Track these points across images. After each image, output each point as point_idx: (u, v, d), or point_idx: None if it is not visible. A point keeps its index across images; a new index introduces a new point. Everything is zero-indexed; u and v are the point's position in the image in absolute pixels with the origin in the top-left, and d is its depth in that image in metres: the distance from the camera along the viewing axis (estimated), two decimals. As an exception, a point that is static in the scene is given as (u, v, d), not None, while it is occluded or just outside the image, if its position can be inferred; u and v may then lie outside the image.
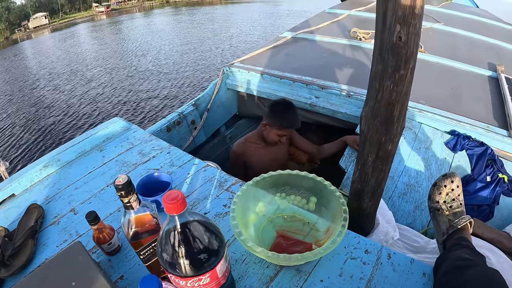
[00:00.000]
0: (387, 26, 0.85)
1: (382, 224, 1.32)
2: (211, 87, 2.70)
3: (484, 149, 1.86)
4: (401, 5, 0.80)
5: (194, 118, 2.52)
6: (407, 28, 0.83)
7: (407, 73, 0.91)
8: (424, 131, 2.03)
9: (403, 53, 0.86)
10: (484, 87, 2.54)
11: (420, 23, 0.84)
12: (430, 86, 2.45)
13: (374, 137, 1.05)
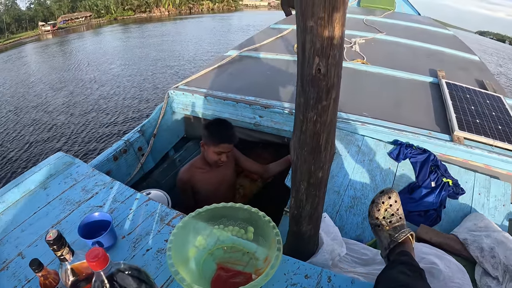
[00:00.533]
0: (306, 58, 0.88)
1: (326, 243, 1.37)
2: (157, 111, 2.72)
3: (426, 156, 1.98)
4: (319, 36, 0.82)
5: (141, 144, 2.52)
6: (326, 60, 0.85)
7: (330, 104, 0.95)
8: (367, 144, 2.13)
9: (323, 85, 0.90)
10: (426, 94, 2.71)
11: (340, 53, 0.88)
12: (373, 97, 2.58)
13: (304, 166, 1.10)
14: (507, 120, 2.42)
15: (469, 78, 3.28)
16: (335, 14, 0.78)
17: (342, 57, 0.89)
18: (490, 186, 1.98)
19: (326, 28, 0.80)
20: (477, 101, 2.62)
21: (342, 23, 0.81)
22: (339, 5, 0.77)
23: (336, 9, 0.77)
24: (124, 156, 2.38)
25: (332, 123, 1.01)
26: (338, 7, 0.77)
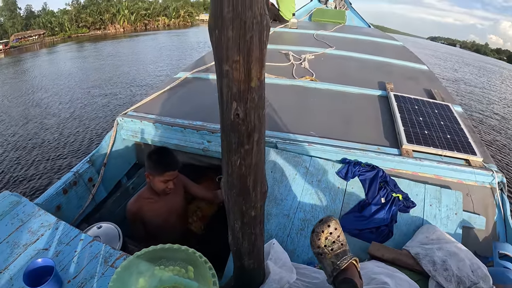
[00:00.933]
0: (224, 102, 0.87)
1: (274, 272, 1.37)
2: (106, 139, 2.68)
3: (375, 172, 2.03)
4: (235, 81, 0.81)
5: (91, 175, 2.48)
6: (244, 104, 0.84)
7: (253, 147, 0.95)
8: (315, 164, 2.17)
9: (243, 130, 0.89)
10: (375, 108, 2.80)
11: (260, 95, 0.87)
12: (321, 115, 2.64)
13: (235, 207, 1.11)
14: (456, 128, 2.53)
15: (418, 88, 3.42)
16: (251, 56, 0.76)
17: (263, 98, 0.88)
18: (441, 196, 2.05)
19: (242, 72, 0.78)
20: (425, 112, 2.73)
21: (261, 64, 0.80)
22: (256, 46, 0.76)
23: (252, 50, 0.75)
24: (74, 188, 2.33)
25: (259, 164, 1.01)
26: (254, 48, 0.76)
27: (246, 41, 0.73)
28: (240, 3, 0.67)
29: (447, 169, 2.13)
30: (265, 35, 0.75)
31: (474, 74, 21.62)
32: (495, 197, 2.10)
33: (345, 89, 3.11)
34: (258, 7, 0.69)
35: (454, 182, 2.15)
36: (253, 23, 0.70)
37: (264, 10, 0.72)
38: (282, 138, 2.27)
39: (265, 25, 0.73)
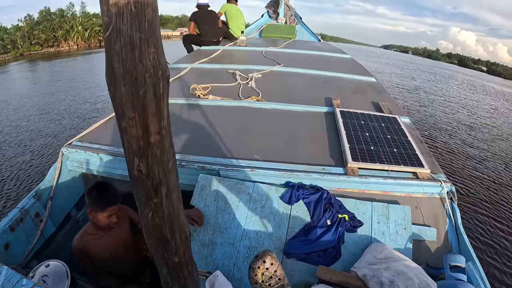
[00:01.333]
0: (128, 157, 0.88)
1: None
2: (52, 172, 2.61)
3: (319, 194, 2.07)
4: (133, 137, 0.82)
5: (38, 210, 2.40)
6: (145, 160, 0.85)
7: (162, 200, 0.95)
8: (258, 190, 2.19)
9: (148, 185, 0.90)
10: (322, 126, 2.88)
11: (162, 149, 0.88)
12: (266, 137, 2.69)
13: (158, 255, 1.11)
14: (403, 141, 2.62)
15: (365, 102, 3.54)
16: (147, 111, 0.77)
17: (167, 151, 0.89)
18: (389, 212, 2.11)
19: (139, 128, 0.79)
20: (372, 126, 2.82)
21: (160, 118, 0.81)
22: (151, 101, 0.76)
23: (147, 106, 0.76)
24: (21, 225, 2.26)
25: (174, 214, 1.02)
26: (149, 104, 0.76)
27: (139, 96, 0.74)
28: (129, 58, 0.69)
29: (394, 184, 2.21)
30: (162, 86, 0.76)
31: (432, 81, 22.49)
32: (445, 207, 2.19)
33: (292, 108, 3.18)
34: (150, 58, 0.70)
35: (402, 196, 2.23)
36: (145, 78, 0.71)
37: (158, 60, 0.72)
38: (224, 165, 2.29)
39: (161, 76, 0.74)
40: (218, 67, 4.74)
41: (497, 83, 37.64)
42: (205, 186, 2.18)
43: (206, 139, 2.66)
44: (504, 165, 7.23)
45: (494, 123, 12.04)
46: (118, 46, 0.68)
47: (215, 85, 3.79)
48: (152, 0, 0.67)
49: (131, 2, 0.64)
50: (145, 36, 0.68)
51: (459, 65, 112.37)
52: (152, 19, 0.68)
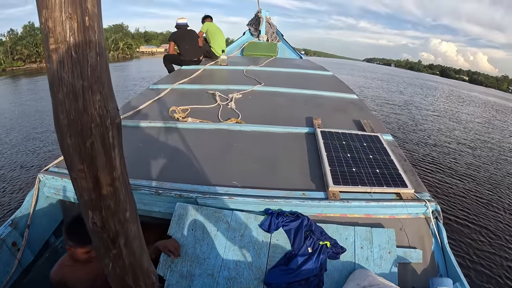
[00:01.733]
0: (83, 209, 0.84)
1: None
2: (28, 199, 2.54)
3: (299, 221, 2.03)
4: (84, 189, 0.78)
5: (15, 239, 2.33)
6: (99, 213, 0.82)
7: (122, 250, 0.91)
8: (237, 218, 2.14)
9: (105, 237, 0.87)
10: (302, 148, 2.85)
11: (117, 200, 0.84)
12: (245, 161, 2.65)
13: None
14: (385, 161, 2.61)
15: (347, 121, 3.53)
16: (96, 163, 0.73)
17: (122, 202, 0.84)
18: (372, 236, 2.08)
19: (89, 180, 0.75)
20: (353, 147, 2.80)
21: (110, 170, 0.77)
22: (99, 153, 0.72)
23: (95, 158, 0.72)
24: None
25: (135, 263, 0.98)
26: (98, 155, 0.72)
27: (86, 148, 0.69)
28: (73, 108, 0.64)
29: (377, 207, 2.18)
30: (112, 136, 0.71)
31: (420, 95, 22.73)
32: (430, 227, 2.17)
33: (272, 130, 3.15)
34: (96, 107, 0.66)
35: (386, 218, 2.20)
36: (91, 128, 0.66)
37: (105, 108, 0.68)
38: (202, 192, 2.24)
39: (109, 125, 0.69)
40: (198, 87, 4.71)
41: (482, 92, 38.39)
42: (183, 215, 2.12)
43: (184, 164, 2.61)
44: (491, 181, 7.27)
45: (481, 137, 12.19)
46: (61, 95, 0.63)
47: (195, 107, 3.75)
48: (95, 43, 0.63)
49: (71, 47, 0.60)
50: (89, 84, 0.63)
51: (441, 76, 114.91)
52: (96, 64, 0.64)
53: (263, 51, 8.15)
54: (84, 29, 0.61)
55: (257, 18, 9.30)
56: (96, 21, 0.63)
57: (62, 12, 0.59)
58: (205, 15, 7.89)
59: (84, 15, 0.61)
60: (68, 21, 0.60)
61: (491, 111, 20.70)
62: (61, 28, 0.59)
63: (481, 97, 29.64)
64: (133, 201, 0.87)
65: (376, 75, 36.02)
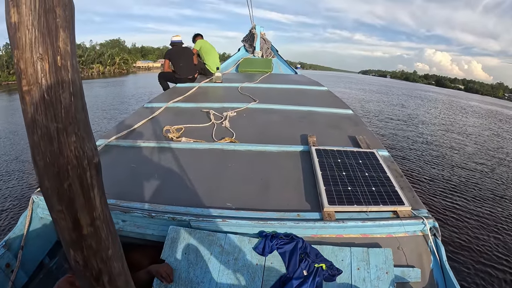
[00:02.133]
0: (65, 248, 0.83)
1: None
2: (22, 220, 2.52)
3: (294, 244, 2.00)
4: (64, 229, 0.77)
5: (8, 260, 2.31)
6: (80, 252, 0.81)
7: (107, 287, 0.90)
8: (230, 241, 2.12)
9: (88, 275, 0.85)
10: (297, 167, 2.84)
11: (98, 239, 0.83)
12: (239, 181, 2.65)
13: None
14: (381, 178, 2.60)
15: (342, 137, 3.53)
16: (74, 205, 0.72)
17: (104, 240, 0.84)
18: (369, 257, 2.05)
19: (69, 221, 0.74)
20: (349, 165, 2.79)
21: (90, 210, 0.76)
22: (78, 194, 0.71)
23: (74, 199, 0.71)
24: None
25: None
26: (76, 197, 0.71)
27: (64, 190, 0.68)
28: (48, 150, 0.63)
29: (374, 226, 2.16)
30: (90, 176, 0.70)
31: (423, 107, 22.48)
32: (428, 245, 2.14)
33: (266, 149, 3.14)
34: (72, 149, 0.65)
35: (383, 237, 2.18)
36: (68, 170, 0.65)
37: (82, 149, 0.66)
38: (195, 215, 2.22)
39: (87, 165, 0.68)
40: (193, 106, 4.72)
41: (480, 101, 38.45)
42: (176, 239, 2.10)
43: (177, 186, 2.59)
44: (492, 195, 7.24)
45: (483, 149, 12.15)
46: (36, 137, 0.62)
47: (189, 126, 3.75)
48: (68, 83, 0.62)
49: (43, 88, 0.59)
50: (63, 125, 0.62)
51: (437, 85, 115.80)
52: (70, 105, 0.63)
53: (258, 67, 8.21)
54: (56, 69, 0.60)
55: (251, 35, 9.39)
56: (69, 60, 0.62)
57: (33, 53, 0.59)
58: (196, 34, 7.99)
59: (55, 55, 0.60)
60: (40, 61, 0.59)
61: (497, 122, 20.58)
62: (32, 70, 0.59)
63: (482, 106, 29.65)
64: (117, 238, 0.86)
65: (374, 87, 36.08)
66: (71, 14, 0.64)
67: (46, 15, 0.59)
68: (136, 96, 20.47)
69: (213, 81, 6.45)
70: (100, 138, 3.56)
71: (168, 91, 6.10)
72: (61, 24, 0.61)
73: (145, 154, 3.18)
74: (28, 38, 0.58)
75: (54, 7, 0.60)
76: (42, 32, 0.59)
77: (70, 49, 0.62)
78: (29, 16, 0.58)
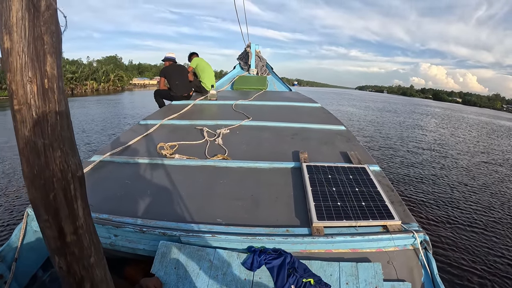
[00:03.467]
0: (51, 255, 0.88)
1: None
2: (16, 232, 2.54)
3: (282, 259, 2.04)
4: (50, 237, 0.83)
5: (2, 272, 2.32)
6: (64, 259, 0.86)
7: None
8: (219, 256, 2.15)
9: (71, 281, 0.90)
10: (288, 183, 2.89)
11: (81, 247, 0.89)
12: (230, 198, 2.69)
13: None
14: (371, 192, 2.64)
15: (334, 153, 3.59)
16: (59, 214, 0.78)
17: (86, 249, 0.90)
18: (358, 271, 2.08)
19: (54, 229, 0.80)
20: (339, 180, 2.84)
21: (73, 220, 0.82)
22: (62, 205, 0.78)
23: (59, 209, 0.78)
24: None
25: None
26: (61, 207, 0.78)
27: (50, 200, 0.75)
28: (36, 164, 0.69)
29: (363, 241, 2.20)
30: (73, 188, 0.77)
31: (431, 125, 21.82)
32: (419, 258, 2.17)
33: (258, 165, 3.20)
34: (57, 163, 0.71)
35: (373, 252, 2.21)
36: (53, 182, 0.72)
37: (66, 163, 0.73)
38: (185, 230, 2.26)
39: (70, 178, 0.74)
40: (187, 123, 4.79)
41: (481, 114, 38.27)
42: (166, 254, 2.13)
43: (169, 202, 2.64)
44: (483, 208, 7.27)
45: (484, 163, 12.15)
46: (25, 151, 0.69)
47: (183, 143, 3.82)
48: (54, 103, 0.68)
49: (32, 108, 0.66)
50: (49, 142, 0.69)
51: (434, 99, 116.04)
52: (56, 123, 0.70)
53: (253, 84, 8.32)
54: (43, 91, 0.68)
55: (246, 52, 9.52)
56: (55, 83, 0.70)
57: (23, 76, 0.66)
58: (192, 52, 8.16)
59: (43, 78, 0.68)
60: (29, 84, 0.67)
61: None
62: (22, 91, 0.66)
63: (483, 119, 29.44)
64: (99, 247, 0.91)
65: (378, 104, 35.82)
66: (58, 41, 0.71)
67: (35, 42, 0.67)
68: (130, 116, 20.32)
69: (208, 99, 6.57)
70: (95, 154, 3.62)
71: (163, 108, 6.18)
72: (49, 50, 0.68)
73: (138, 170, 3.23)
74: (19, 63, 0.66)
75: (42, 34, 0.67)
76: (31, 57, 0.67)
77: (57, 72, 0.70)
78: (20, 43, 0.66)
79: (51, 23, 0.69)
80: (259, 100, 6.12)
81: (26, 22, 0.65)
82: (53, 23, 0.69)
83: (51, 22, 0.69)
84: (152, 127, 4.48)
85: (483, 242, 5.60)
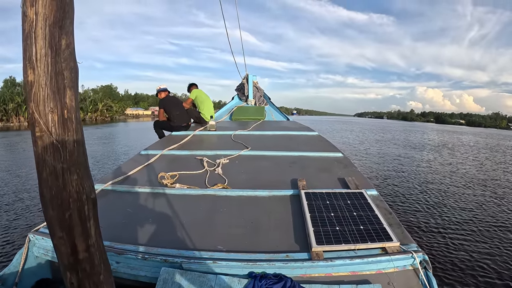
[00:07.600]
0: (63, 271, 0.94)
1: None
2: (17, 257, 2.56)
3: (282, 283, 2.07)
4: (63, 254, 0.89)
5: None
6: (75, 275, 0.91)
7: None
8: (220, 282, 2.19)
9: None
10: (287, 210, 2.96)
11: (92, 264, 0.95)
12: (230, 225, 2.74)
13: None
14: (369, 216, 2.69)
15: (332, 180, 3.66)
16: (73, 232, 0.86)
17: (97, 266, 0.95)
18: None
19: (68, 247, 0.87)
20: (337, 205, 2.89)
21: (85, 238, 0.89)
22: (76, 223, 0.85)
23: (73, 228, 0.85)
24: None
25: None
26: (75, 226, 0.85)
27: (65, 219, 0.82)
28: (54, 185, 0.77)
29: (362, 263, 2.23)
30: (87, 209, 0.84)
31: (448, 156, 20.83)
32: (420, 278, 2.19)
33: (257, 194, 3.27)
34: (73, 185, 0.79)
35: (372, 274, 2.24)
36: (69, 203, 0.79)
37: (82, 185, 0.81)
38: (187, 257, 2.30)
39: (85, 200, 0.82)
40: (187, 153, 4.88)
41: (500, 135, 36.95)
42: (167, 280, 2.16)
43: (171, 229, 2.68)
44: (483, 226, 7.23)
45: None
46: (45, 174, 0.77)
47: (183, 173, 3.89)
48: (73, 132, 0.77)
49: (52, 135, 0.75)
50: (67, 166, 0.77)
51: (437, 122, 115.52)
52: (74, 149, 0.78)
53: (251, 115, 8.47)
54: (63, 120, 0.77)
55: (242, 84, 9.70)
56: (74, 113, 0.79)
57: (45, 106, 0.76)
58: (191, 83, 8.35)
59: (63, 109, 0.77)
60: (50, 114, 0.76)
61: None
62: (44, 120, 0.75)
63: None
64: (108, 265, 0.97)
65: (388, 135, 34.80)
66: (76, 76, 0.81)
67: (56, 76, 0.77)
68: (123, 153, 20.15)
69: (208, 129, 6.71)
70: (97, 183, 3.67)
71: (163, 139, 6.28)
72: (68, 84, 0.78)
73: (140, 199, 3.29)
74: (42, 95, 0.76)
75: (62, 70, 0.77)
76: (53, 90, 0.76)
77: (75, 104, 0.79)
78: (43, 77, 0.76)
79: (71, 59, 0.79)
80: (257, 130, 6.23)
81: (49, 59, 0.75)
82: (72, 59, 0.79)
83: (70, 59, 0.79)
84: (152, 157, 4.56)
85: (483, 260, 5.57)
